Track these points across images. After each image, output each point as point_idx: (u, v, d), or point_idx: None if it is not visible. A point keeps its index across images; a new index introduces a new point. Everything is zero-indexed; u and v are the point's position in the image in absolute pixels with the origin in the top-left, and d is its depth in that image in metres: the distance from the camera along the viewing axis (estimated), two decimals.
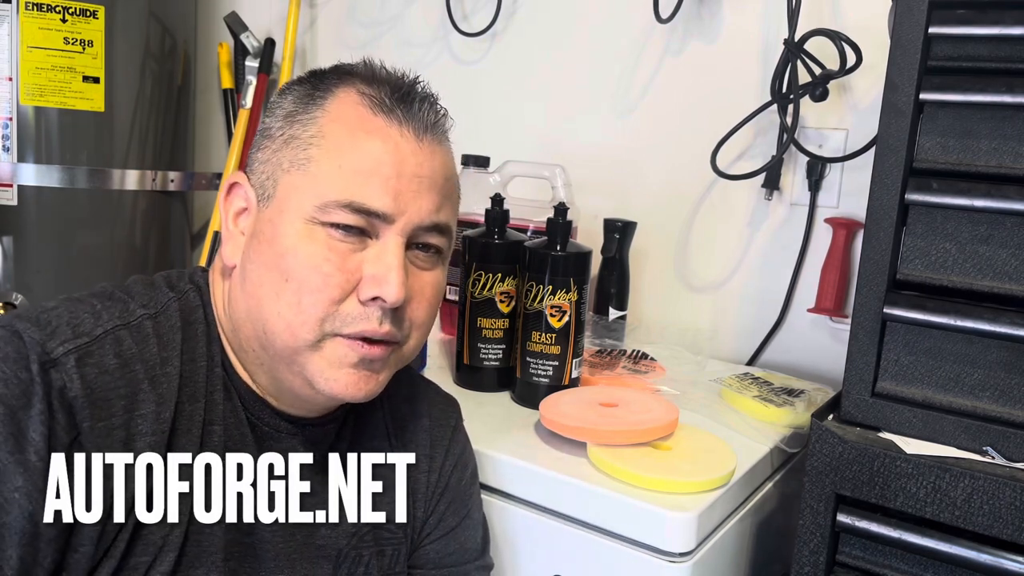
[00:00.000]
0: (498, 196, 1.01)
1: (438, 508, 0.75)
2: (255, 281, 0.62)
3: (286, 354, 0.61)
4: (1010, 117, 0.70)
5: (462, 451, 0.78)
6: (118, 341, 0.56)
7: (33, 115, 1.44)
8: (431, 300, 0.65)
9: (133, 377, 0.56)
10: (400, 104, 0.62)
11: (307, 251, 0.59)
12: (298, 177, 0.61)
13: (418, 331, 0.65)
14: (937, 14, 0.71)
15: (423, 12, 1.55)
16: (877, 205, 0.74)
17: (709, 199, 1.29)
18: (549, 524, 0.80)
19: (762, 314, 1.25)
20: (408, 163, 0.61)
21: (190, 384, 0.60)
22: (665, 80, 1.32)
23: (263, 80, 1.67)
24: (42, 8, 1.41)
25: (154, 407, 0.57)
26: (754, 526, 0.88)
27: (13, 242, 1.47)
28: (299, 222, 0.60)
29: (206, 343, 0.63)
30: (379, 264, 0.60)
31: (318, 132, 0.62)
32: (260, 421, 0.65)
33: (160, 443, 0.56)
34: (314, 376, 0.61)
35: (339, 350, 0.61)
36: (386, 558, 0.71)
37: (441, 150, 0.65)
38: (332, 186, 0.60)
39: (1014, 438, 0.71)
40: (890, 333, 0.76)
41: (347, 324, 0.60)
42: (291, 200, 0.61)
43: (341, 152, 0.61)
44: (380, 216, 0.60)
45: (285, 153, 0.62)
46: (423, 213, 0.62)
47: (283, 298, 0.60)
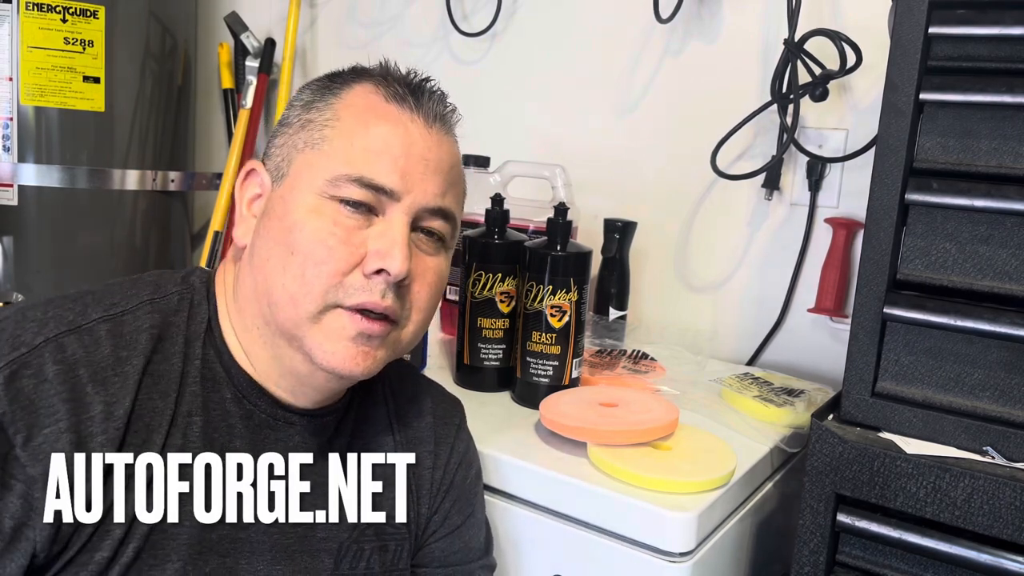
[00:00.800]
0: (498, 196, 1.02)
1: (443, 505, 0.75)
2: (263, 255, 0.64)
3: (288, 327, 0.62)
4: (1010, 117, 0.70)
5: (467, 450, 0.78)
6: (60, 348, 0.57)
7: (33, 115, 1.44)
8: (433, 285, 0.66)
9: (76, 382, 0.57)
10: (412, 94, 0.66)
11: (314, 225, 0.61)
12: (311, 155, 0.64)
13: (418, 315, 0.66)
14: (937, 14, 0.71)
15: (423, 12, 1.55)
16: (877, 205, 0.74)
17: (709, 199, 1.29)
18: (549, 524, 0.80)
19: (762, 314, 1.25)
20: (417, 145, 0.64)
21: (161, 380, 0.61)
22: (665, 80, 1.32)
23: (263, 80, 1.67)
24: (42, 8, 1.41)
25: (102, 407, 0.57)
26: (754, 526, 0.88)
27: (13, 242, 1.47)
28: (310, 197, 0.62)
29: (184, 340, 0.64)
30: (384, 239, 0.62)
31: (333, 116, 0.65)
32: (257, 409, 0.65)
33: (114, 439, 0.57)
34: (313, 349, 0.62)
35: (339, 321, 0.62)
36: (389, 554, 0.71)
37: (448, 140, 0.68)
38: (343, 162, 0.62)
39: (1014, 438, 0.71)
40: (890, 333, 0.76)
41: (350, 295, 0.61)
42: (303, 177, 0.63)
43: (354, 133, 0.63)
44: (387, 192, 0.62)
45: (301, 136, 0.65)
46: (428, 195, 0.64)
47: (289, 271, 0.61)
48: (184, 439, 0.61)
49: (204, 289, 0.67)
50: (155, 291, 0.65)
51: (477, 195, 1.17)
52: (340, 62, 0.72)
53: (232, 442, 0.63)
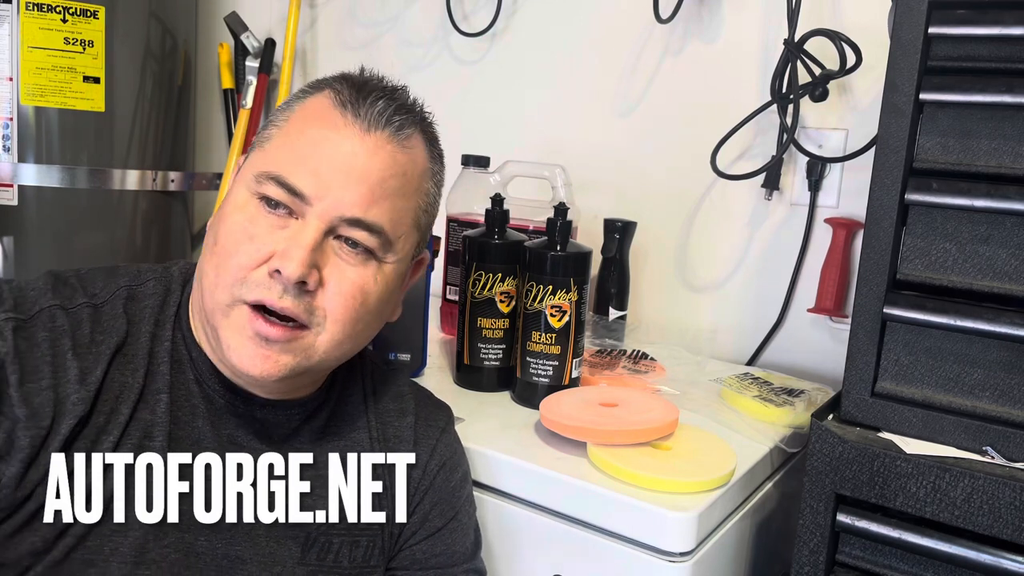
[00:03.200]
0: (498, 196, 1.01)
1: (422, 506, 0.74)
2: (205, 244, 0.66)
3: (209, 316, 0.64)
4: (1010, 117, 0.70)
5: (451, 453, 0.77)
6: (52, 318, 0.62)
7: (33, 115, 1.44)
8: (350, 297, 0.64)
9: (59, 349, 0.61)
10: (359, 99, 0.65)
11: (235, 219, 0.64)
12: (256, 153, 0.67)
13: (334, 325, 0.64)
14: (937, 14, 0.71)
15: (423, 12, 1.55)
16: (877, 205, 0.74)
17: (709, 199, 1.29)
18: (549, 524, 0.80)
19: (762, 314, 1.25)
20: (341, 152, 0.63)
21: (132, 359, 0.64)
22: (665, 80, 1.32)
23: (263, 80, 1.67)
24: (42, 8, 1.41)
25: (77, 373, 0.61)
26: (754, 526, 0.88)
27: (13, 242, 1.47)
28: (242, 192, 0.65)
29: (155, 323, 0.67)
30: (287, 240, 0.62)
31: (285, 119, 0.67)
32: (216, 394, 0.67)
33: (86, 400, 0.60)
34: (222, 342, 0.63)
35: (241, 318, 0.62)
36: (360, 549, 0.70)
37: (391, 149, 0.65)
38: (271, 160, 0.64)
39: (1014, 438, 0.71)
40: (890, 333, 0.76)
41: (250, 291, 0.62)
42: (244, 172, 0.66)
43: (291, 134, 0.65)
44: (300, 196, 0.63)
45: (261, 135, 0.68)
46: (344, 205, 0.63)
47: (211, 261, 0.64)
48: (152, 414, 0.64)
49: (181, 278, 0.70)
50: (133, 278, 0.68)
51: (477, 195, 1.17)
52: (340, 62, 0.72)
53: (195, 420, 0.66)
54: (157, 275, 0.70)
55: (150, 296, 0.68)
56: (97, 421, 0.61)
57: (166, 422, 0.64)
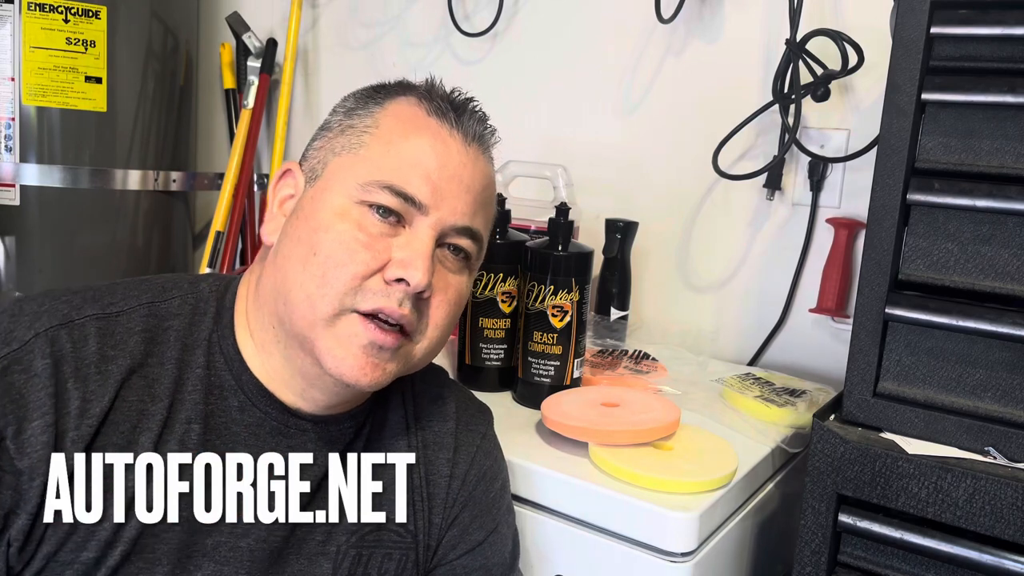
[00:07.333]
0: (500, 196, 1.02)
1: (460, 519, 0.72)
2: (285, 254, 0.64)
3: (301, 328, 0.62)
4: (1012, 117, 0.70)
5: (491, 462, 0.75)
6: (50, 341, 0.58)
7: (35, 115, 1.45)
8: (452, 303, 0.66)
9: (60, 377, 0.57)
10: (453, 111, 0.67)
11: (340, 228, 0.62)
12: (347, 159, 0.65)
13: (435, 331, 0.65)
14: (939, 14, 0.71)
15: (425, 12, 1.55)
16: (879, 205, 0.74)
17: (711, 199, 1.29)
18: (550, 524, 0.80)
19: (764, 314, 1.25)
20: (452, 162, 0.64)
21: (154, 384, 0.61)
22: (667, 80, 1.32)
23: (265, 80, 1.67)
24: (44, 8, 1.41)
25: (79, 403, 0.57)
26: (755, 526, 0.88)
27: (15, 242, 1.47)
28: (340, 200, 0.63)
29: (182, 347, 0.63)
30: (408, 249, 0.62)
31: (373, 123, 0.66)
32: (268, 417, 0.65)
33: (85, 437, 0.57)
34: (323, 354, 0.61)
35: (352, 327, 0.61)
36: (393, 562, 0.69)
37: (484, 161, 0.68)
38: (377, 168, 0.63)
39: (1016, 438, 0.71)
40: (892, 333, 0.76)
41: (367, 299, 0.61)
42: (336, 179, 0.64)
43: (391, 141, 0.64)
44: (416, 204, 0.62)
45: (339, 140, 0.66)
46: (457, 213, 0.64)
47: (308, 270, 0.61)
48: (181, 445, 0.61)
49: (214, 298, 0.67)
50: (156, 295, 0.65)
51: None
52: (342, 62, 0.73)
53: (234, 450, 0.63)
54: (183, 292, 0.66)
55: (175, 316, 0.64)
56: (106, 448, 0.58)
57: (197, 451, 0.61)
